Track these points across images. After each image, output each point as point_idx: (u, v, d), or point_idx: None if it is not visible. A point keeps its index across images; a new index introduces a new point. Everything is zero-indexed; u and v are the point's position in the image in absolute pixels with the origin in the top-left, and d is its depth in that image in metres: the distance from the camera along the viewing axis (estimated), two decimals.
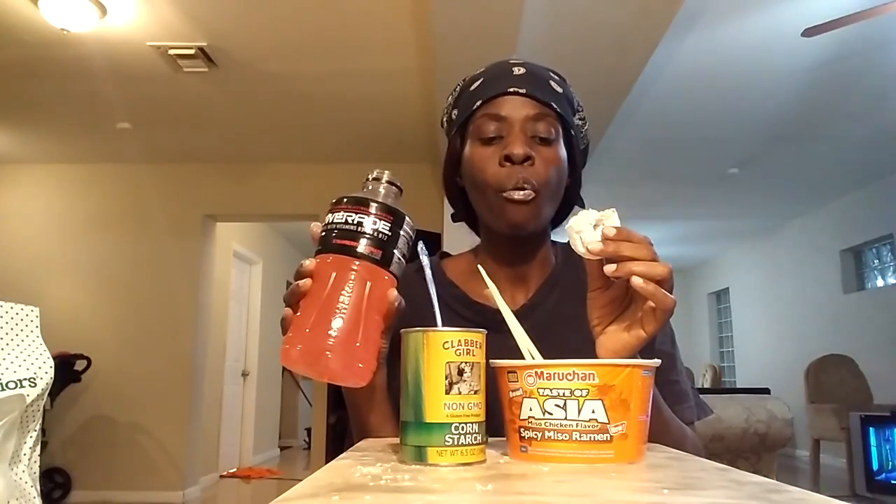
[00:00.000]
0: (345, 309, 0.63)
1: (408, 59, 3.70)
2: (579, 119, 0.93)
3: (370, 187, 0.70)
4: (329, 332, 0.62)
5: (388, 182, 0.70)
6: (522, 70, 0.87)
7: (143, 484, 5.00)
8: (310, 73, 3.90)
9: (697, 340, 10.68)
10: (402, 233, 0.68)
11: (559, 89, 0.87)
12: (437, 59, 3.39)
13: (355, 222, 0.66)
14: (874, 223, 6.42)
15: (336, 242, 0.66)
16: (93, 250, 5.34)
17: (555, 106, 0.85)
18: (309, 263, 0.66)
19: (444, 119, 0.96)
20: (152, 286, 5.27)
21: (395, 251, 0.67)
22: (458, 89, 0.94)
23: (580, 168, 0.92)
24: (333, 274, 0.65)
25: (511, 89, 0.84)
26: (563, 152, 0.86)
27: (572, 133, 0.88)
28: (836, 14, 3.06)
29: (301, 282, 0.65)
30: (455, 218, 0.99)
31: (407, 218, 0.69)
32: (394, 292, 0.66)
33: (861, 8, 3.05)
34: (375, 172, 0.71)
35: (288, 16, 3.28)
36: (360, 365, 0.64)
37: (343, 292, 0.63)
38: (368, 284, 0.65)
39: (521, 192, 0.81)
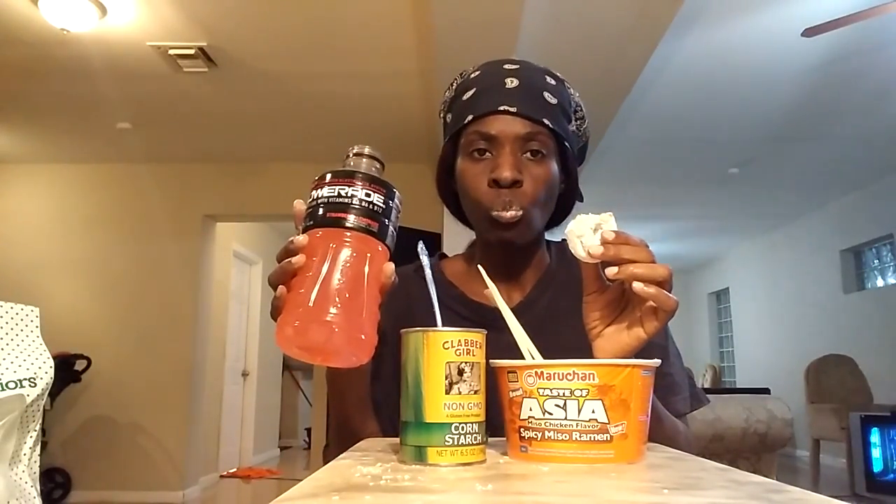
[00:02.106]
0: (347, 282, 0.60)
1: (407, 59, 3.70)
2: (577, 120, 0.93)
3: (352, 162, 0.68)
4: (333, 305, 0.58)
5: (370, 156, 0.68)
6: (515, 82, 0.85)
7: (143, 484, 5.00)
8: (310, 74, 3.90)
9: (697, 340, 10.68)
10: (393, 205, 0.66)
11: (553, 100, 0.86)
12: (437, 59, 3.39)
13: (348, 195, 0.63)
14: (874, 223, 6.42)
15: (329, 216, 0.63)
16: (93, 250, 5.33)
17: (547, 122, 0.84)
18: (301, 239, 0.62)
19: (440, 115, 0.97)
20: (152, 286, 5.27)
21: (389, 224, 0.65)
22: (454, 86, 0.93)
23: (576, 172, 0.92)
24: (329, 248, 0.61)
25: (502, 108, 0.83)
26: (555, 167, 0.86)
27: (566, 145, 0.88)
28: (836, 14, 3.06)
29: (294, 258, 0.61)
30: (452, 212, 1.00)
31: (396, 191, 0.67)
32: (390, 266, 0.64)
33: (861, 8, 3.05)
34: (356, 147, 0.68)
35: (288, 16, 3.28)
36: (363, 336, 0.60)
37: (343, 265, 0.60)
38: (368, 256, 0.62)
39: (509, 213, 0.82)
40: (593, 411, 0.53)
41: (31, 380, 0.82)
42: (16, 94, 4.20)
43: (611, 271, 0.67)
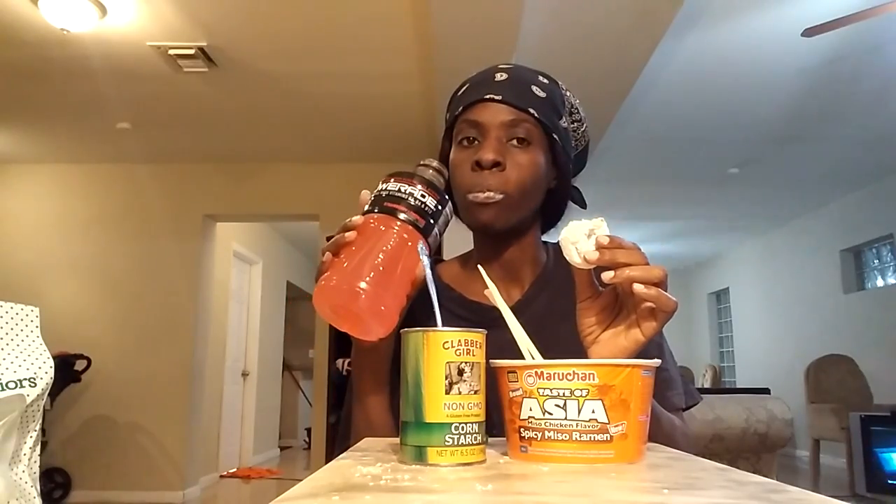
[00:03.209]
0: (384, 260, 0.68)
1: (408, 59, 3.70)
2: (573, 122, 0.94)
3: (420, 170, 0.77)
4: (367, 275, 0.66)
5: (437, 169, 0.78)
6: (505, 76, 0.88)
7: (143, 484, 5.00)
8: (310, 74, 3.90)
9: (697, 340, 10.68)
10: (443, 212, 0.75)
11: (542, 94, 0.88)
12: (437, 59, 3.39)
13: (406, 192, 0.73)
14: (874, 223, 6.42)
15: (385, 205, 0.72)
16: (93, 250, 5.34)
17: (532, 112, 0.85)
18: (356, 219, 0.71)
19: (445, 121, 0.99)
20: (152, 286, 5.27)
21: (435, 226, 0.74)
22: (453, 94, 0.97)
23: (568, 169, 0.92)
24: (378, 230, 0.70)
25: (488, 96, 0.86)
26: (541, 157, 0.87)
27: (555, 137, 0.88)
28: (836, 14, 3.06)
29: (347, 233, 0.69)
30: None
31: (450, 202, 0.76)
32: (425, 260, 0.70)
33: (861, 8, 3.05)
34: (426, 160, 0.78)
35: (288, 16, 3.28)
36: (383, 308, 0.67)
37: (384, 247, 0.69)
38: (408, 245, 0.70)
39: (484, 195, 0.83)
40: (593, 411, 0.53)
41: (31, 380, 0.82)
42: (16, 94, 4.20)
43: (607, 276, 0.67)
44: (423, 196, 0.73)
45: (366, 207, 0.73)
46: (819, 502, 0.37)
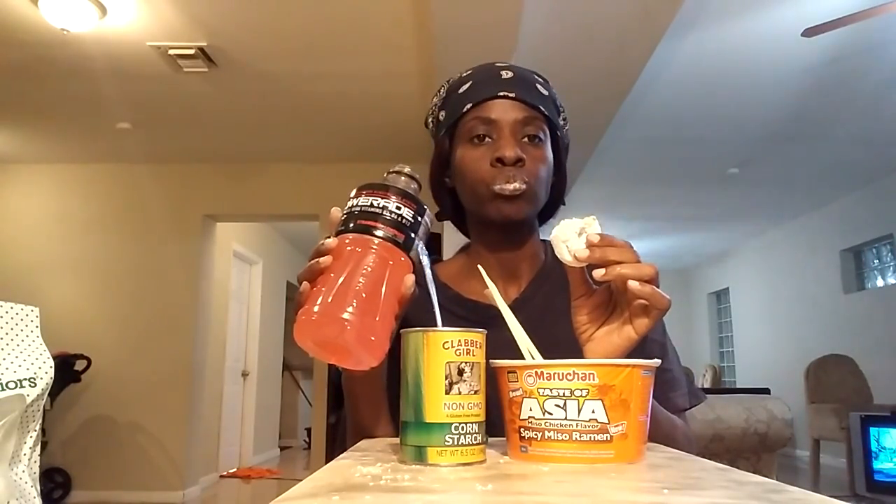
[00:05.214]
0: (366, 285, 0.63)
1: (407, 59, 3.70)
2: (562, 120, 0.96)
3: (391, 178, 0.72)
4: (350, 304, 0.61)
5: (409, 175, 0.72)
6: (510, 74, 0.89)
7: (143, 484, 5.00)
8: (310, 74, 3.90)
9: (697, 340, 10.68)
10: (422, 222, 0.69)
11: (545, 92, 0.90)
12: (437, 59, 3.39)
13: (380, 206, 0.67)
14: (874, 223, 6.42)
15: (359, 223, 0.67)
16: (93, 250, 5.34)
17: (543, 109, 0.88)
18: (330, 241, 0.66)
19: (430, 119, 0.99)
20: (152, 286, 5.27)
21: (416, 238, 0.68)
22: (443, 91, 0.96)
23: (565, 166, 0.95)
24: (355, 252, 0.65)
25: (501, 93, 0.87)
26: (550, 153, 0.89)
27: (558, 134, 0.91)
28: (836, 14, 3.06)
29: (322, 259, 0.64)
30: (440, 217, 1.00)
31: (428, 210, 0.71)
32: (411, 278, 0.67)
33: (861, 8, 3.05)
34: (396, 166, 0.73)
35: (288, 16, 3.28)
36: (373, 338, 0.63)
37: (364, 269, 0.64)
38: (390, 264, 0.65)
39: (511, 186, 0.83)
40: (593, 411, 0.53)
41: (31, 380, 0.82)
42: (16, 94, 4.20)
43: (598, 273, 0.67)
44: (398, 208, 0.67)
45: (339, 227, 0.68)
46: (819, 502, 0.37)
